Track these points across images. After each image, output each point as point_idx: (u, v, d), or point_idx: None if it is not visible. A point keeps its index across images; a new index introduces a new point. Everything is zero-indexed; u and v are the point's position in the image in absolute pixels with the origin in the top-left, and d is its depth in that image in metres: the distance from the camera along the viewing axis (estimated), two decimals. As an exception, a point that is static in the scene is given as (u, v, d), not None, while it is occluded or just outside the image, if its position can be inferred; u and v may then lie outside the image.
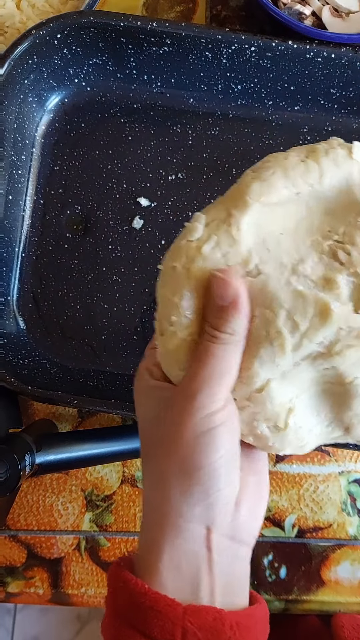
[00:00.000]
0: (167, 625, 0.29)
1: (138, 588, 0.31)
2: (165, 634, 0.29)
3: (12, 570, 0.54)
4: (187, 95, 0.55)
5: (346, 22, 0.52)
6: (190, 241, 0.32)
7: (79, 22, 0.50)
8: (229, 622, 0.30)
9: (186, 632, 0.29)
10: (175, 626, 0.29)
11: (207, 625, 0.30)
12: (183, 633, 0.29)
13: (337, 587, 0.53)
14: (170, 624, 0.29)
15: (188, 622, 0.29)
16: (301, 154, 0.32)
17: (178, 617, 0.30)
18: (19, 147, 0.53)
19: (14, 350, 0.51)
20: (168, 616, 0.30)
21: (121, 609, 0.31)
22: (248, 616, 0.31)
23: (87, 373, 0.53)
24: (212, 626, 0.30)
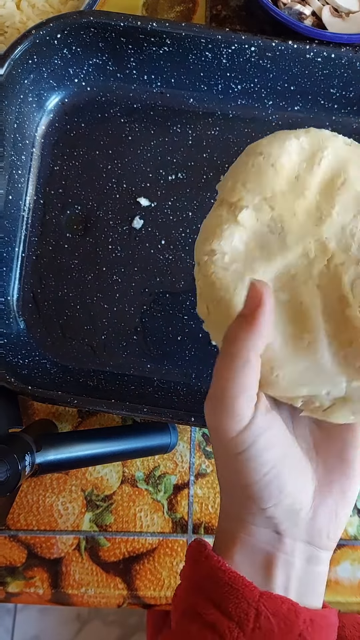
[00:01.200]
0: (243, 604, 0.30)
1: (220, 564, 0.32)
2: (239, 612, 0.30)
3: (12, 570, 0.54)
4: (187, 95, 0.55)
5: (346, 22, 0.52)
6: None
7: (79, 22, 0.50)
8: (303, 616, 0.30)
9: (259, 614, 0.30)
10: (250, 607, 0.30)
11: (281, 613, 0.30)
12: (257, 614, 0.30)
13: (337, 587, 0.53)
14: (246, 604, 0.30)
15: (262, 606, 0.30)
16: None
17: (254, 599, 0.30)
18: (19, 147, 0.53)
19: (14, 350, 0.51)
20: (245, 595, 0.30)
21: (199, 581, 0.32)
22: (322, 616, 0.31)
23: (87, 373, 0.53)
24: (286, 615, 0.30)
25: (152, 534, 0.54)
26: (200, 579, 0.32)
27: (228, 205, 0.34)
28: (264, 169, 0.33)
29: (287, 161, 0.34)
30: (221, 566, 0.32)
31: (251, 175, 0.34)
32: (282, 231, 0.33)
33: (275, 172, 0.33)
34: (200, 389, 0.52)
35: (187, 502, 0.54)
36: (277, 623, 0.30)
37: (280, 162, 0.33)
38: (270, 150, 0.34)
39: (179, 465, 0.54)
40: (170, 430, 0.52)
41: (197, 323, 0.53)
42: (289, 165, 0.34)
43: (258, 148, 0.35)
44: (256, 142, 0.35)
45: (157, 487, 0.54)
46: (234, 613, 0.30)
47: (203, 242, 0.34)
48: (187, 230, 0.54)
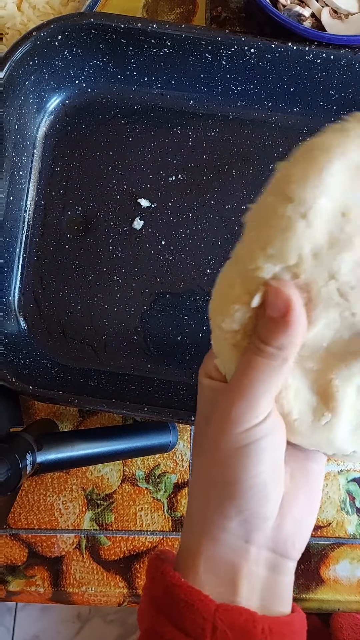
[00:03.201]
0: (199, 620, 0.29)
1: (174, 580, 0.31)
2: (196, 628, 0.29)
3: (13, 568, 0.54)
4: (187, 96, 0.55)
5: (345, 24, 0.52)
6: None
7: (79, 24, 0.50)
8: (260, 625, 0.29)
9: (216, 628, 0.29)
10: (206, 621, 0.29)
11: (238, 626, 0.29)
12: (213, 629, 0.29)
13: (336, 585, 0.54)
14: (202, 619, 0.29)
15: (219, 620, 0.29)
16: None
17: (209, 613, 0.29)
18: (20, 149, 0.53)
19: (15, 350, 0.52)
20: (200, 611, 0.29)
21: (157, 599, 0.31)
22: (283, 623, 0.31)
23: (88, 373, 0.53)
24: (243, 627, 0.29)
25: (153, 533, 0.54)
26: (157, 595, 0.31)
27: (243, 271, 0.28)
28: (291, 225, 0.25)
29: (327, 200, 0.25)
30: (176, 582, 0.31)
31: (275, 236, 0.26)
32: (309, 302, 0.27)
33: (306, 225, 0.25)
34: (200, 389, 0.52)
35: (187, 501, 0.54)
36: (235, 636, 0.29)
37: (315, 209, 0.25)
38: (302, 191, 0.25)
39: (179, 464, 0.55)
40: (170, 429, 0.52)
41: (197, 323, 0.54)
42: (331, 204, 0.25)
43: (290, 184, 0.25)
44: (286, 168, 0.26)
45: (158, 486, 0.55)
46: (190, 629, 0.29)
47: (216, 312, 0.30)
48: (187, 231, 0.54)
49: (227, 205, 0.54)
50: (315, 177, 0.25)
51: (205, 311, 0.53)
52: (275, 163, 0.37)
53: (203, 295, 0.54)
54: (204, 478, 0.32)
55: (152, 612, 0.32)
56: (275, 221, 0.26)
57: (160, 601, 0.31)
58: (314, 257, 0.26)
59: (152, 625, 0.31)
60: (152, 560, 0.33)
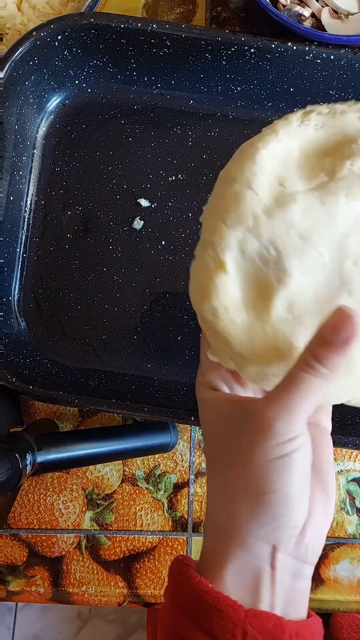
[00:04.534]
0: (229, 625, 0.30)
1: (202, 585, 0.31)
2: (225, 634, 0.30)
3: (13, 568, 0.54)
4: (187, 96, 0.55)
5: (345, 24, 0.52)
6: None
7: (79, 24, 0.50)
8: (288, 631, 0.30)
9: (246, 634, 0.29)
10: (236, 627, 0.30)
11: (267, 631, 0.30)
12: (243, 635, 0.30)
13: (336, 585, 0.54)
14: (232, 625, 0.30)
15: (249, 625, 0.30)
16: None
17: (240, 619, 0.30)
18: (20, 149, 0.53)
19: (15, 350, 0.52)
20: (230, 616, 0.30)
21: (182, 603, 0.32)
22: (307, 627, 0.32)
23: (88, 373, 0.53)
24: (272, 632, 0.30)
25: (153, 533, 0.54)
26: (183, 601, 0.32)
27: (211, 248, 0.32)
28: (240, 195, 0.31)
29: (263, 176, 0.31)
30: (203, 587, 0.31)
31: (230, 206, 0.31)
32: (279, 255, 0.30)
33: (253, 193, 0.31)
34: (200, 389, 0.52)
35: (187, 500, 0.54)
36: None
37: (257, 181, 0.31)
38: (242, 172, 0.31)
39: (179, 464, 0.55)
40: (170, 429, 0.52)
41: (197, 323, 0.53)
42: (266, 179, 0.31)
43: (230, 173, 0.32)
44: (225, 167, 0.33)
45: (158, 485, 0.55)
46: (220, 635, 0.30)
47: (200, 299, 0.32)
48: (187, 231, 0.54)
49: (227, 205, 0.54)
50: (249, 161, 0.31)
51: (205, 311, 0.53)
52: None
53: (203, 295, 0.54)
54: (229, 489, 0.32)
55: (177, 618, 0.32)
56: (227, 198, 0.31)
57: (186, 606, 0.31)
58: (267, 215, 0.30)
59: (178, 630, 0.32)
60: (176, 565, 0.33)
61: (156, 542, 0.54)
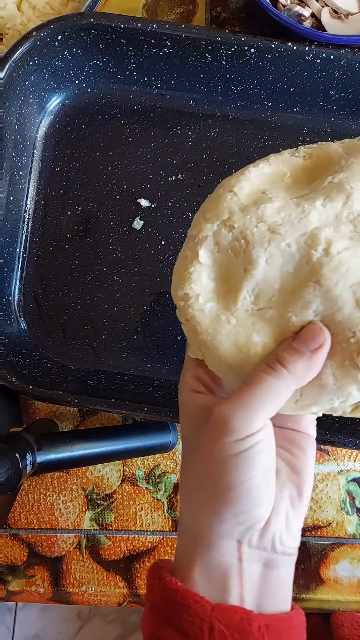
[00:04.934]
0: (196, 621, 0.30)
1: (171, 584, 0.32)
2: (194, 629, 0.30)
3: (13, 568, 0.54)
4: (186, 96, 0.55)
5: (345, 24, 0.52)
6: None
7: (79, 24, 0.50)
8: (257, 623, 0.30)
9: (213, 628, 0.30)
10: (203, 622, 0.30)
11: (234, 624, 0.30)
12: (210, 629, 0.30)
13: (336, 585, 0.54)
14: (199, 620, 0.30)
15: (215, 619, 0.30)
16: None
17: (206, 614, 0.30)
18: (20, 149, 0.53)
19: (15, 350, 0.52)
20: (197, 612, 0.30)
21: (156, 603, 0.33)
22: (280, 620, 0.31)
23: (88, 372, 0.53)
24: (239, 625, 0.30)
25: (153, 533, 0.54)
26: (156, 601, 0.33)
27: (192, 241, 0.34)
28: (222, 196, 0.34)
29: (247, 184, 0.34)
30: (172, 585, 0.32)
31: (211, 205, 0.34)
32: (247, 245, 0.32)
33: (233, 195, 0.34)
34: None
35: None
36: (232, 634, 0.30)
37: (239, 186, 0.34)
38: (229, 180, 0.35)
39: (179, 464, 0.55)
40: (170, 429, 0.52)
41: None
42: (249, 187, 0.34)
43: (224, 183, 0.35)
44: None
45: (158, 485, 0.55)
46: (189, 631, 0.30)
47: (176, 287, 0.34)
48: (187, 231, 0.54)
49: (227, 205, 0.54)
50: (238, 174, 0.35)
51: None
52: None
53: (203, 295, 0.54)
54: (195, 486, 0.32)
55: (152, 618, 0.32)
56: (212, 200, 0.35)
57: (159, 606, 0.32)
58: (242, 211, 0.33)
59: (153, 630, 0.32)
60: (151, 568, 0.34)
61: (156, 542, 0.54)
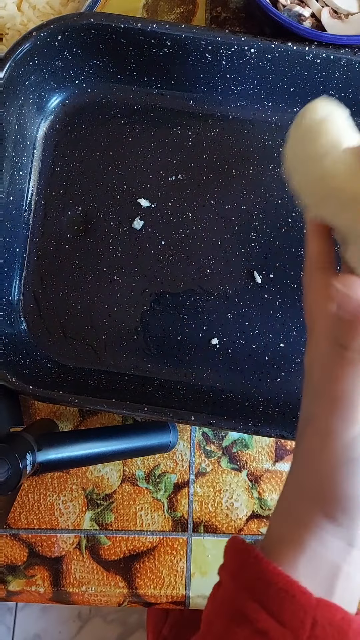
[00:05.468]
0: (299, 612, 0.29)
1: (271, 568, 0.31)
2: (294, 620, 0.29)
3: (13, 568, 0.54)
4: (187, 96, 0.55)
5: (345, 24, 0.52)
6: None
7: (79, 24, 0.50)
8: (354, 626, 0.30)
9: (316, 623, 0.29)
10: (307, 615, 0.29)
11: (336, 623, 0.30)
12: (313, 623, 0.29)
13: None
14: (302, 612, 0.29)
15: (319, 614, 0.29)
16: None
17: (311, 607, 0.30)
18: (20, 149, 0.53)
19: (16, 350, 0.52)
20: (301, 603, 0.30)
21: (247, 584, 0.31)
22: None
23: (88, 373, 0.53)
24: (340, 625, 0.30)
25: (153, 533, 0.54)
26: (249, 581, 0.31)
27: None
28: None
29: None
30: (274, 570, 0.30)
31: None
32: None
33: None
34: (200, 388, 0.52)
35: (187, 500, 0.54)
36: (332, 633, 0.29)
37: None
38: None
39: (179, 464, 0.55)
40: (170, 429, 0.52)
41: (197, 323, 0.54)
42: None
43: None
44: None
45: (158, 485, 0.55)
46: (288, 620, 0.29)
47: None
48: (187, 231, 0.54)
49: (227, 205, 0.54)
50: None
51: (205, 311, 0.53)
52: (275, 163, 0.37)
53: (203, 295, 0.54)
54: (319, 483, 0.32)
55: (240, 597, 0.31)
56: None
57: (252, 587, 0.31)
58: None
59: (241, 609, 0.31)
60: (239, 545, 0.33)
61: (156, 542, 0.54)
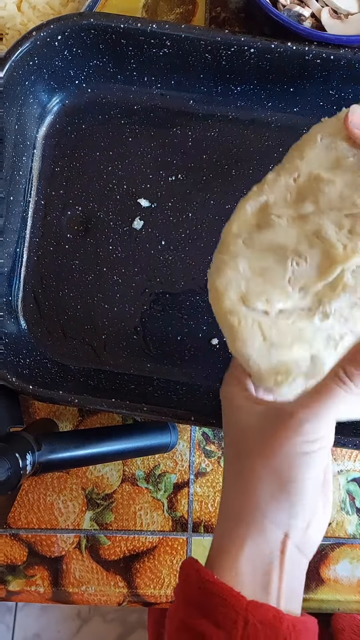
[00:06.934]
0: (231, 614, 0.32)
1: (208, 576, 0.34)
2: (228, 621, 0.32)
3: (13, 568, 0.54)
4: (186, 96, 0.55)
5: (345, 24, 0.52)
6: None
7: (79, 24, 0.50)
8: (286, 623, 0.33)
9: (247, 622, 0.32)
10: (239, 615, 0.32)
11: (267, 621, 0.32)
12: (245, 622, 0.32)
13: (336, 585, 0.54)
14: (234, 613, 0.32)
15: (250, 614, 0.32)
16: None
17: (242, 608, 0.32)
18: (20, 149, 0.53)
19: (15, 350, 0.52)
20: (232, 605, 0.32)
21: (189, 596, 0.35)
22: (303, 622, 0.34)
23: (88, 372, 0.53)
24: (272, 623, 0.32)
25: (152, 533, 0.54)
26: (190, 593, 0.34)
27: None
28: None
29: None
30: (209, 578, 0.33)
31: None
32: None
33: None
34: (199, 388, 0.52)
35: (187, 500, 0.54)
36: (264, 630, 0.32)
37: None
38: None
39: (179, 464, 0.55)
40: (170, 429, 0.52)
41: (197, 323, 0.54)
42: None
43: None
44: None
45: (157, 485, 0.55)
46: (223, 622, 0.32)
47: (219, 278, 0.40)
48: (187, 231, 0.54)
49: (227, 205, 0.54)
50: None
51: (205, 311, 0.53)
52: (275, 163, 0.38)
53: (203, 295, 0.54)
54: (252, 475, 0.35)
55: (184, 608, 0.34)
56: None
57: (193, 598, 0.34)
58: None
59: (183, 619, 0.34)
60: (187, 561, 0.36)
61: (156, 542, 0.54)
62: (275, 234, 0.38)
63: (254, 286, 0.37)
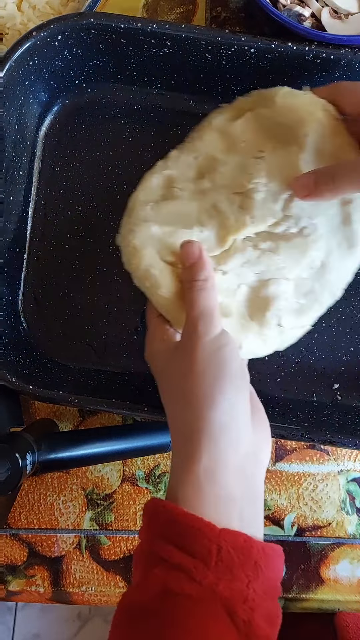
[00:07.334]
0: (205, 542, 0.34)
1: (178, 511, 0.35)
2: (202, 549, 0.34)
3: (13, 568, 0.54)
4: (187, 96, 0.55)
5: (345, 24, 0.52)
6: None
7: (79, 24, 0.50)
8: (256, 547, 0.35)
9: (221, 548, 0.34)
10: (212, 543, 0.34)
11: (239, 546, 0.34)
12: (218, 549, 0.34)
13: (336, 585, 0.54)
14: (208, 541, 0.34)
15: (223, 540, 0.34)
16: None
17: (215, 535, 0.34)
18: (20, 149, 0.53)
19: (16, 350, 0.52)
20: (206, 534, 0.34)
21: (160, 531, 0.36)
22: (270, 547, 0.36)
23: (88, 372, 0.53)
24: (243, 547, 0.34)
25: (152, 533, 0.54)
26: (160, 529, 0.36)
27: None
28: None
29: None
30: (180, 512, 0.35)
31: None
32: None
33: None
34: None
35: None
36: (237, 555, 0.34)
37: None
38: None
39: (179, 464, 0.55)
40: (170, 429, 0.52)
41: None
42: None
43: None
44: None
45: (158, 485, 0.55)
46: (197, 551, 0.34)
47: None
48: (187, 230, 0.54)
49: (227, 205, 0.54)
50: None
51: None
52: None
53: (203, 295, 0.54)
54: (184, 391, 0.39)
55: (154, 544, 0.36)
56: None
57: (163, 532, 0.36)
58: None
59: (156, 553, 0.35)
60: (151, 501, 0.38)
61: (156, 542, 0.54)
62: (180, 204, 0.45)
63: (167, 245, 0.44)
